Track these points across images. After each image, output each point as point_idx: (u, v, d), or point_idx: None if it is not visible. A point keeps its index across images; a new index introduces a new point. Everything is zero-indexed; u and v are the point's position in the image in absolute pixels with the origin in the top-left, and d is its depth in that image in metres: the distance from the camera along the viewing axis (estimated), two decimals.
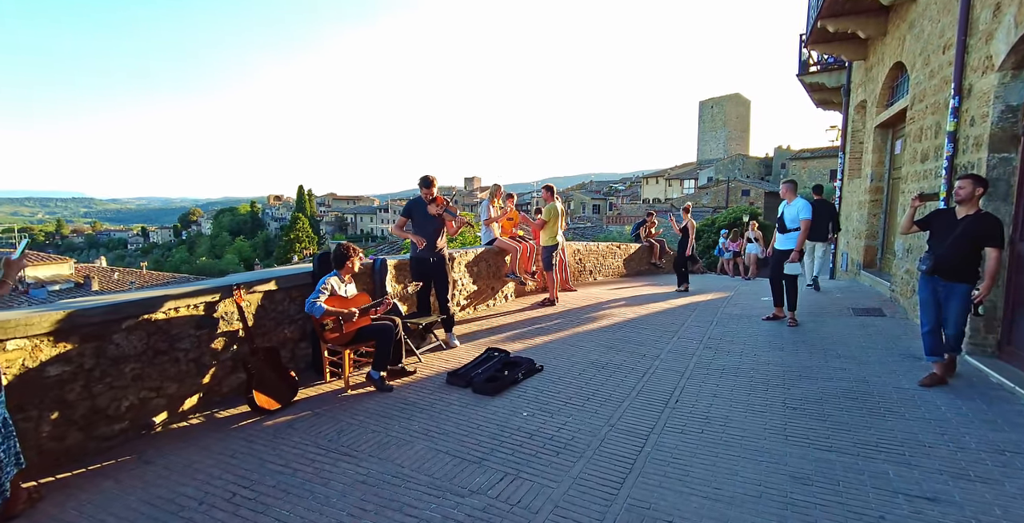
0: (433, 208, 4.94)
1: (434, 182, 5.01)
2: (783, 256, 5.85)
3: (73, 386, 2.88)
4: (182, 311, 3.41)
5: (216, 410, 3.57)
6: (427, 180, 4.98)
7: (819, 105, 13.26)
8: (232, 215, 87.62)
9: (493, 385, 3.88)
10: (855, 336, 5.32)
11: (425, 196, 4.98)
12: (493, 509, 2.45)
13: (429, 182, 4.97)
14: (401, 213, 5.13)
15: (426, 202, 4.96)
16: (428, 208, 4.94)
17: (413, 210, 5.03)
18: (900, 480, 2.63)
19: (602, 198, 63.50)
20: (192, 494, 2.59)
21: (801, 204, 5.84)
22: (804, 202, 5.86)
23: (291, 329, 4.24)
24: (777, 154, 54.22)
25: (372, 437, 3.19)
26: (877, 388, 3.88)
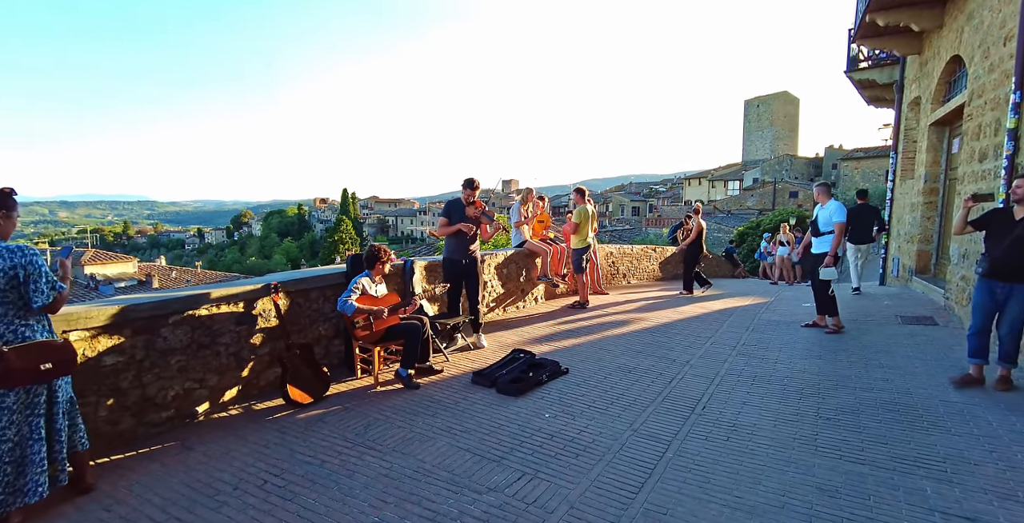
0: (471, 210, 5.03)
1: (477, 185, 5.10)
2: (819, 260, 5.66)
3: (126, 375, 3.11)
4: (224, 308, 3.62)
5: (253, 402, 3.77)
6: (470, 182, 5.07)
7: (871, 102, 12.63)
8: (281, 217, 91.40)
9: (517, 386, 3.92)
10: (901, 345, 5.05)
11: (466, 198, 5.07)
12: (509, 507, 2.48)
13: (472, 184, 5.07)
14: (441, 214, 5.23)
15: (465, 204, 5.05)
16: (467, 210, 5.03)
17: (452, 211, 5.13)
18: (939, 498, 2.49)
19: (642, 200, 62.51)
20: (228, 480, 2.75)
21: (834, 207, 5.62)
22: (837, 204, 5.65)
23: (325, 327, 4.42)
24: (828, 154, 51.85)
25: (397, 432, 3.29)
26: (921, 400, 3.68)
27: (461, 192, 5.14)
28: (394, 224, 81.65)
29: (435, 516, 2.41)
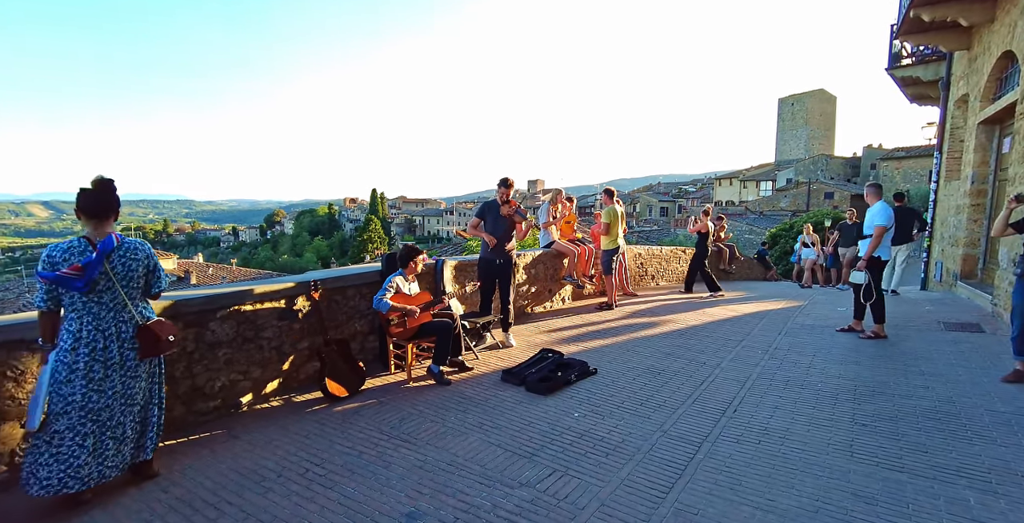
0: (506, 209, 5.11)
1: (511, 184, 5.18)
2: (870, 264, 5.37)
3: (178, 365, 3.30)
4: (267, 304, 3.79)
5: (293, 395, 3.93)
6: (505, 181, 5.16)
7: (914, 100, 12.18)
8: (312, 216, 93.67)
9: (546, 385, 3.97)
10: (944, 352, 4.89)
11: (501, 196, 5.15)
12: (540, 502, 2.54)
13: (507, 183, 5.15)
14: (475, 214, 5.32)
15: (500, 203, 5.14)
16: (502, 209, 5.12)
17: (487, 211, 5.21)
18: (982, 508, 2.43)
19: (670, 200, 61.60)
20: (272, 467, 2.89)
21: (877, 209, 5.36)
22: (882, 205, 5.39)
23: (361, 323, 4.56)
24: (866, 154, 50.04)
25: (430, 427, 3.39)
26: (965, 409, 3.57)
27: (496, 191, 5.22)
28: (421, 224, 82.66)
29: (469, 508, 2.49)
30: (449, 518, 2.41)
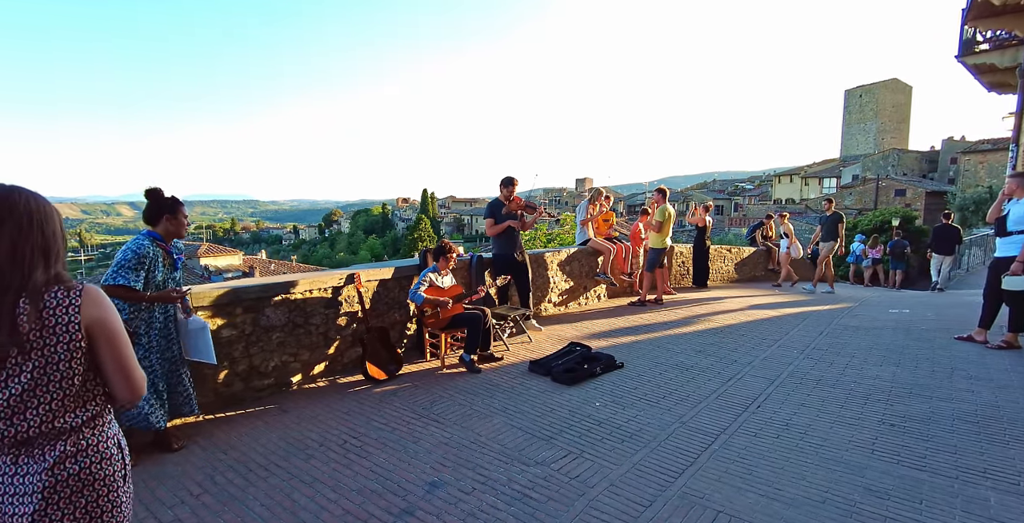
0: (513, 206, 5.31)
1: (515, 182, 5.37)
2: (1003, 265, 4.68)
3: (237, 346, 3.71)
4: (315, 293, 4.17)
5: (337, 377, 4.29)
6: (508, 180, 5.37)
7: (992, 88, 11.31)
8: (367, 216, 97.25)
9: (571, 376, 4.13)
10: (1000, 357, 4.63)
11: (505, 196, 5.35)
12: (553, 479, 2.72)
13: (510, 182, 5.36)
14: (486, 215, 5.56)
15: (505, 202, 5.34)
16: (506, 207, 5.33)
17: (495, 211, 5.44)
18: (1002, 509, 2.38)
19: (726, 198, 59.39)
20: (315, 438, 3.22)
21: None
22: None
23: (400, 313, 4.88)
24: (945, 147, 46.30)
25: (458, 409, 3.63)
26: (1009, 414, 3.42)
27: (501, 191, 5.41)
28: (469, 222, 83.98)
29: (486, 480, 2.70)
30: (467, 488, 2.63)
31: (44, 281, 1.19)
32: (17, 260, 1.16)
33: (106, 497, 1.23)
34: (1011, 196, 4.81)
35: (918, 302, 8.32)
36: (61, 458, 1.17)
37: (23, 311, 1.14)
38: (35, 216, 1.21)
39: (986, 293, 4.98)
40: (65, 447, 1.18)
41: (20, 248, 1.17)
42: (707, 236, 9.32)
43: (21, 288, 1.16)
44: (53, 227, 1.25)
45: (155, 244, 2.88)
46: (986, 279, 4.99)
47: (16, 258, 1.16)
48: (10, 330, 1.12)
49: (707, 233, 9.31)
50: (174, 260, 3.02)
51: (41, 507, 1.14)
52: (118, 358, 1.25)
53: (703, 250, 9.35)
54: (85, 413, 1.22)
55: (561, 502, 2.50)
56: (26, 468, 1.15)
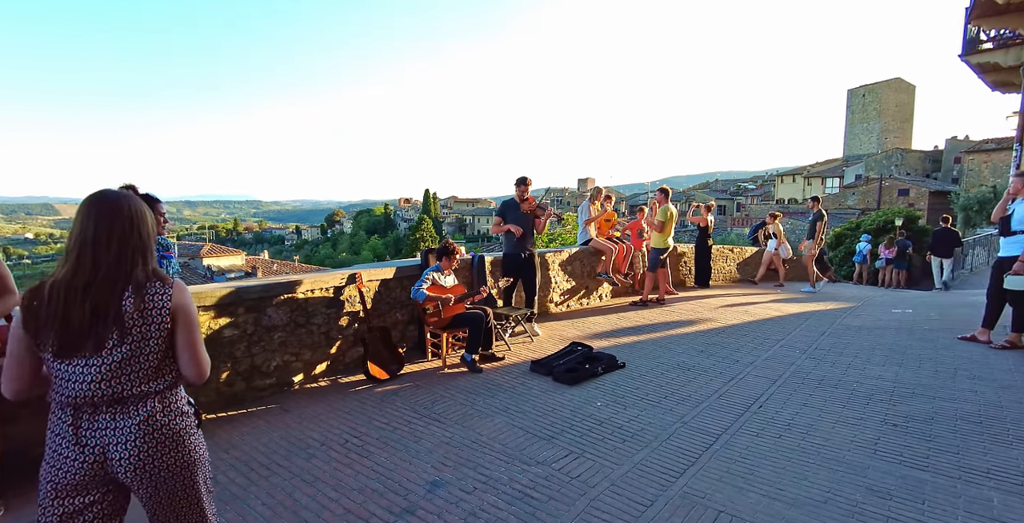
0: (525, 206, 5.33)
1: (529, 182, 5.40)
2: (1007, 265, 4.69)
3: (239, 346, 3.72)
4: (317, 293, 4.17)
5: (339, 376, 4.30)
6: (523, 180, 5.40)
7: (996, 87, 11.26)
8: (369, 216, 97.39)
9: (572, 375, 4.13)
10: (1003, 357, 4.61)
11: (519, 195, 5.38)
12: (554, 478, 2.72)
13: (524, 181, 5.39)
14: (496, 213, 5.59)
15: (519, 201, 5.37)
16: (521, 207, 5.35)
17: (506, 210, 5.47)
18: (1005, 509, 2.37)
19: (728, 198, 59.25)
20: (316, 437, 3.22)
21: None
22: None
23: (402, 313, 4.89)
24: (949, 146, 46.09)
25: (460, 409, 3.63)
26: (1013, 414, 3.40)
27: (514, 190, 5.44)
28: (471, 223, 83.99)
29: (487, 480, 2.70)
30: (468, 487, 2.63)
31: (144, 276, 1.46)
32: (122, 259, 1.43)
33: (186, 441, 1.52)
34: (1015, 196, 4.79)
35: (921, 302, 8.29)
36: (150, 413, 1.45)
37: (128, 300, 1.41)
38: (135, 220, 1.47)
39: (990, 293, 4.97)
40: (152, 405, 1.46)
41: (124, 249, 1.44)
42: (709, 236, 9.33)
43: (126, 282, 1.42)
44: (148, 229, 1.51)
45: None
46: (990, 279, 4.98)
47: (121, 258, 1.43)
48: (116, 316, 1.40)
49: (709, 233, 9.32)
50: (159, 256, 3.00)
51: (136, 451, 1.42)
52: (192, 342, 1.52)
53: (705, 250, 9.36)
54: (163, 382, 1.49)
55: (562, 501, 2.50)
56: (123, 421, 1.42)
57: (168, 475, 1.47)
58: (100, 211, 1.43)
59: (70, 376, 1.39)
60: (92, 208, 1.44)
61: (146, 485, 1.45)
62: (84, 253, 1.41)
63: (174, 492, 1.50)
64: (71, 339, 1.38)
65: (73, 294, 1.38)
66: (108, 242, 1.42)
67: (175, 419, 1.50)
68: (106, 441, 1.41)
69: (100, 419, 1.42)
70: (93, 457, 1.41)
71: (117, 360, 1.40)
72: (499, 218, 5.50)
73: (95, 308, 1.38)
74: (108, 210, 1.44)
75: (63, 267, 1.42)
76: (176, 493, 1.51)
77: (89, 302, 1.38)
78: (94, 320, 1.38)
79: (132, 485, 1.45)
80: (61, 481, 1.41)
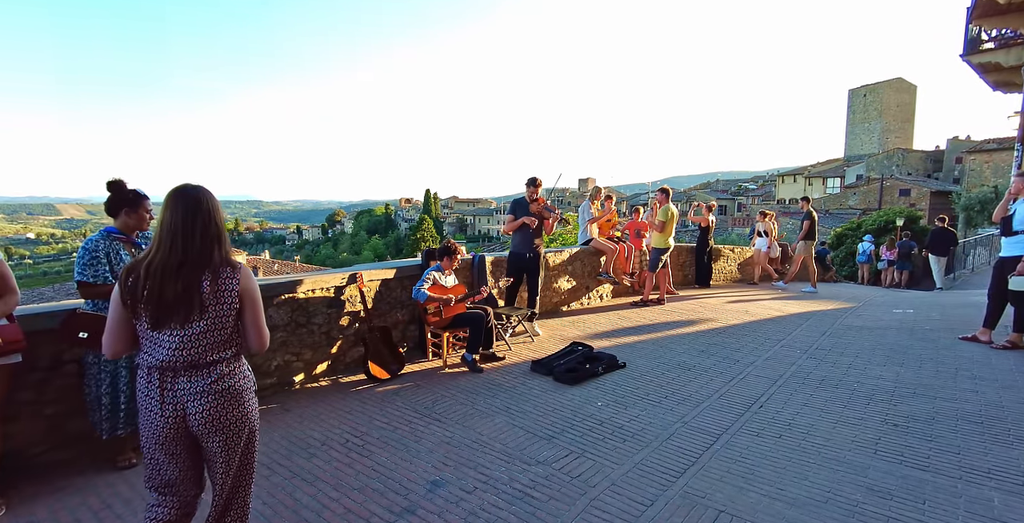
0: (535, 207, 5.35)
1: (539, 183, 5.43)
2: (1008, 265, 4.69)
3: None
4: (317, 293, 4.17)
5: (340, 376, 4.30)
6: (533, 180, 5.43)
7: (997, 87, 11.28)
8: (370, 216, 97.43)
9: (573, 375, 4.13)
10: (1005, 358, 4.61)
11: (530, 195, 5.41)
12: (554, 478, 2.72)
13: (535, 182, 5.42)
14: (508, 212, 5.62)
15: (529, 201, 5.39)
16: (531, 206, 5.36)
17: (517, 209, 5.49)
18: (1006, 509, 2.37)
19: (729, 198, 59.22)
20: (317, 437, 3.23)
21: None
22: None
23: (402, 312, 4.89)
24: (950, 146, 46.01)
25: (460, 409, 3.63)
26: (1014, 414, 3.40)
27: (525, 190, 5.46)
28: (472, 223, 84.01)
29: (488, 479, 2.70)
30: (469, 487, 2.63)
31: (219, 261, 1.69)
32: (204, 247, 1.67)
33: (245, 400, 1.76)
34: (1017, 196, 4.79)
35: (922, 302, 8.28)
36: (219, 377, 1.70)
37: (206, 282, 1.65)
38: (212, 212, 1.71)
39: (991, 293, 4.96)
40: (221, 370, 1.71)
41: (204, 237, 1.67)
42: (710, 236, 9.34)
43: (205, 266, 1.66)
44: (221, 218, 1.75)
45: (111, 238, 2.80)
46: (991, 279, 4.97)
47: (204, 244, 1.67)
48: (198, 295, 1.64)
49: (710, 233, 9.33)
50: (142, 250, 2.95)
51: (208, 407, 1.67)
52: (256, 319, 1.78)
53: (706, 250, 9.37)
54: (231, 351, 1.74)
55: (563, 501, 2.50)
56: (197, 383, 1.67)
57: (232, 428, 1.72)
58: (184, 204, 1.66)
59: (159, 343, 1.64)
60: (178, 201, 1.67)
61: (214, 436, 1.70)
62: (175, 240, 1.64)
63: (235, 444, 1.74)
64: (165, 312, 1.62)
65: (168, 273, 1.61)
66: (193, 230, 1.66)
67: (239, 382, 1.75)
68: (185, 399, 1.66)
69: (179, 381, 1.66)
70: (174, 413, 1.65)
71: (196, 332, 1.65)
72: (511, 216, 5.53)
73: (186, 286, 1.63)
74: (191, 203, 1.67)
75: (156, 251, 1.65)
76: (236, 445, 1.75)
77: (181, 281, 1.62)
78: (184, 296, 1.63)
79: (203, 436, 1.70)
80: (154, 434, 1.67)
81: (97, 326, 2.52)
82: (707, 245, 9.35)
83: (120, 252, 2.82)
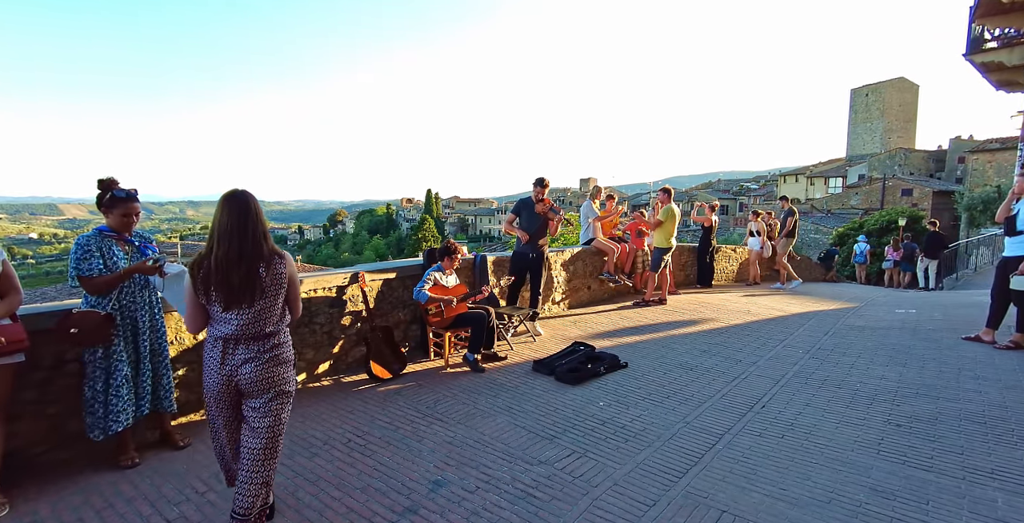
0: (540, 207, 5.36)
1: (547, 184, 5.44)
2: (1011, 265, 4.70)
3: None
4: (320, 292, 4.18)
5: (342, 375, 4.30)
6: (541, 181, 5.44)
7: (1000, 87, 11.20)
8: (371, 216, 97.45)
9: (575, 375, 4.12)
10: (1007, 357, 4.59)
11: (536, 195, 5.42)
12: (556, 478, 2.71)
13: (542, 183, 5.43)
14: (511, 210, 5.62)
15: (535, 201, 5.40)
16: (536, 207, 5.37)
17: (522, 208, 5.50)
18: (1010, 509, 2.36)
19: (731, 198, 59.11)
20: (319, 436, 3.23)
21: None
22: None
23: (404, 312, 4.89)
24: (953, 146, 45.85)
25: (462, 408, 3.63)
26: (1017, 414, 3.39)
27: (532, 190, 5.47)
28: (473, 223, 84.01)
29: (490, 479, 2.70)
30: (471, 486, 2.63)
31: (268, 252, 2.06)
32: (255, 242, 2.03)
33: (289, 363, 2.20)
34: (1020, 195, 4.78)
35: (924, 302, 8.26)
36: (274, 345, 2.14)
37: (262, 269, 2.04)
38: (258, 214, 2.07)
39: (994, 293, 4.95)
40: (275, 340, 2.15)
41: (255, 234, 2.03)
42: (712, 236, 9.34)
43: (259, 257, 2.04)
44: (264, 217, 2.09)
45: (103, 236, 2.80)
46: (994, 279, 4.96)
47: (255, 240, 2.03)
48: (258, 280, 2.03)
49: (712, 233, 9.33)
50: (137, 248, 2.93)
51: (257, 368, 2.08)
52: (296, 296, 2.24)
53: (708, 250, 9.37)
54: (280, 324, 2.18)
55: (565, 501, 2.50)
56: (254, 349, 2.09)
57: (275, 386, 2.12)
58: (237, 207, 2.02)
59: (228, 321, 2.04)
60: (232, 205, 2.02)
61: (258, 392, 2.09)
62: (232, 238, 1.99)
63: (274, 402, 2.12)
64: (234, 297, 2.01)
65: (231, 266, 1.98)
66: (245, 230, 2.01)
67: (286, 353, 2.18)
68: (239, 363, 2.07)
69: (239, 349, 2.07)
70: (228, 374, 2.07)
71: (258, 310, 2.06)
72: (513, 215, 5.54)
73: (247, 275, 2.00)
74: (241, 206, 2.03)
75: (217, 247, 2.00)
76: (275, 402, 2.13)
77: (243, 271, 1.99)
78: (247, 283, 2.01)
79: (250, 394, 2.10)
80: (213, 389, 2.09)
81: (86, 322, 2.63)
82: (709, 245, 9.36)
83: (113, 248, 2.82)
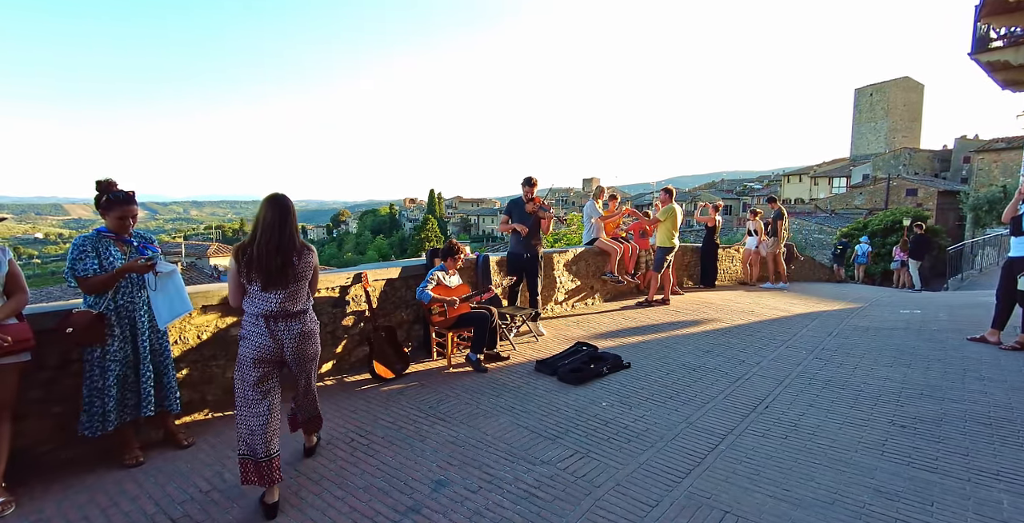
0: (530, 206, 5.35)
1: (535, 182, 5.42)
2: (1017, 265, 4.69)
3: None
4: (323, 292, 4.19)
5: (344, 375, 4.31)
6: (529, 180, 5.42)
7: (1006, 86, 11.15)
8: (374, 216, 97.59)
9: (577, 375, 4.12)
10: (1013, 358, 4.57)
11: (525, 195, 5.41)
12: (559, 478, 2.71)
13: (531, 181, 5.41)
14: (503, 212, 5.63)
15: (525, 201, 5.39)
16: (526, 206, 5.36)
17: (512, 209, 5.50)
18: (1015, 511, 2.35)
19: (734, 198, 58.98)
20: (322, 436, 3.23)
21: None
22: None
23: (407, 312, 4.90)
24: (958, 146, 45.60)
25: (465, 408, 3.64)
26: (1023, 416, 3.37)
27: (521, 190, 5.46)
28: (476, 223, 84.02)
29: (492, 479, 2.70)
30: (473, 486, 2.64)
31: (300, 245, 2.50)
32: (291, 235, 2.46)
33: (317, 338, 2.68)
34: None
35: (929, 303, 8.22)
36: (304, 322, 2.57)
37: (295, 258, 2.46)
38: (293, 213, 2.50)
39: (999, 293, 4.92)
40: (307, 317, 2.60)
41: (291, 229, 2.46)
42: (716, 236, 9.32)
43: (293, 248, 2.46)
44: (296, 216, 2.52)
45: (100, 237, 2.81)
46: (1000, 279, 4.93)
47: (291, 234, 2.46)
48: (292, 267, 2.45)
49: (716, 233, 9.31)
50: (136, 248, 2.94)
51: (297, 341, 2.53)
52: (316, 281, 2.70)
53: (711, 250, 9.35)
54: (308, 303, 2.64)
55: (567, 501, 2.50)
56: (292, 325, 2.52)
57: (309, 356, 2.64)
58: (278, 207, 2.45)
59: (266, 300, 2.45)
60: (274, 205, 2.45)
61: (298, 361, 2.59)
62: (273, 232, 2.41)
63: (310, 365, 2.69)
64: (273, 280, 2.42)
65: (271, 254, 2.40)
66: (283, 225, 2.44)
67: (314, 326, 2.64)
68: (284, 337, 2.49)
69: (280, 324, 2.48)
70: (277, 344, 2.47)
71: (291, 291, 2.49)
72: (506, 216, 5.55)
73: (284, 262, 2.42)
74: (282, 207, 2.45)
75: (260, 237, 2.40)
76: (310, 367, 2.70)
77: (280, 258, 2.41)
78: (283, 269, 2.42)
79: (293, 362, 2.57)
80: (257, 355, 2.44)
81: (81, 322, 2.70)
82: (713, 245, 9.34)
83: (110, 248, 2.84)
